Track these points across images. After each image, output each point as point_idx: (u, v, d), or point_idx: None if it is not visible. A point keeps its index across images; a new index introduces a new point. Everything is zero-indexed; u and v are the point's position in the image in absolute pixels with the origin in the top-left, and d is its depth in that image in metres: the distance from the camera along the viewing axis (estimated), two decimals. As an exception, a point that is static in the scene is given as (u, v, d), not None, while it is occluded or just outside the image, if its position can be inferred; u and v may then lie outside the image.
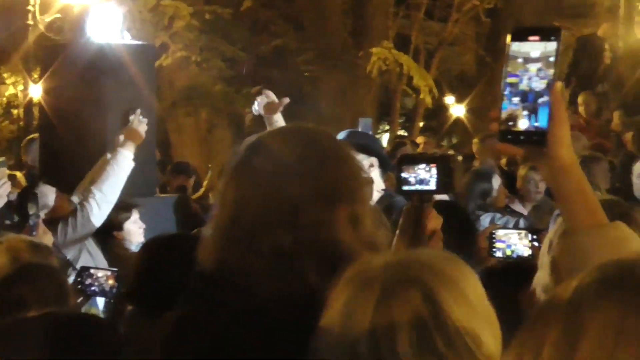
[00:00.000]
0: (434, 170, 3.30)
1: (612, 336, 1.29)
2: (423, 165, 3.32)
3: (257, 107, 6.40)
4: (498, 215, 8.44)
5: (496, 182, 9.18)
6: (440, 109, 25.40)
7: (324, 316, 1.97)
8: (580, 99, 13.42)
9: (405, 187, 3.36)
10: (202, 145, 18.33)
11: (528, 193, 9.19)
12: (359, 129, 10.69)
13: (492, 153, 11.36)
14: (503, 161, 12.04)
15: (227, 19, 19.83)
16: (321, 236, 2.42)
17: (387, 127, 24.80)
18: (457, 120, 24.43)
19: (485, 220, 8.22)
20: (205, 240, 2.61)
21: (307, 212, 2.43)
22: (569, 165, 2.17)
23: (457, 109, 24.94)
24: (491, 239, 4.85)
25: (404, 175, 3.34)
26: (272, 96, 6.25)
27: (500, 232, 4.99)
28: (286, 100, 6.32)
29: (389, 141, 20.50)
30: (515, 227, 7.61)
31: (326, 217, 2.44)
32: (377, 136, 21.05)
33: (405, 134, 23.61)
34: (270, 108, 6.23)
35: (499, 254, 5.13)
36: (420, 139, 17.13)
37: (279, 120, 6.12)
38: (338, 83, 20.64)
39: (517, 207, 9.10)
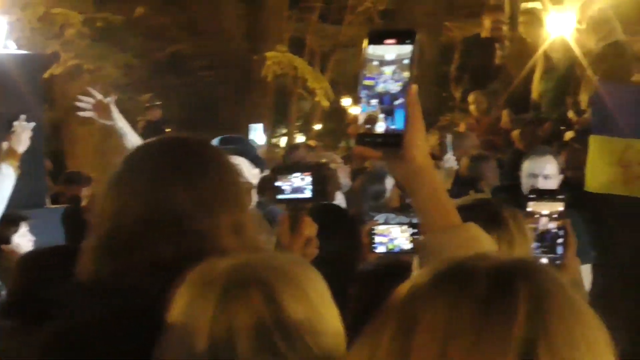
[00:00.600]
0: (308, 179, 3.40)
1: (442, 328, 1.32)
2: (298, 174, 3.41)
3: (86, 111, 6.21)
4: (392, 215, 8.52)
5: (389, 182, 8.79)
6: (337, 111, 25.76)
7: (167, 317, 1.97)
8: (470, 98, 13.75)
9: (280, 196, 3.44)
10: (96, 155, 18.33)
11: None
12: (250, 135, 10.74)
13: (359, 157, 11.61)
14: None
15: (120, 26, 19.64)
16: (205, 245, 2.39)
17: (284, 131, 25.01)
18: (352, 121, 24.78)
19: (380, 220, 8.33)
20: (84, 252, 2.54)
21: (189, 222, 2.41)
22: (423, 167, 2.16)
23: (354, 110, 25.18)
24: (371, 234, 4.79)
25: (278, 184, 3.44)
26: (98, 95, 6.07)
27: (380, 227, 4.97)
28: (112, 98, 6.13)
29: (285, 145, 20.67)
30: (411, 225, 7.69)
31: (209, 225, 2.42)
32: (275, 140, 21.23)
33: (303, 137, 23.79)
34: (100, 109, 6.04)
35: (380, 249, 5.18)
36: (312, 142, 17.28)
37: (124, 128, 5.95)
38: (234, 88, 20.72)
39: (414, 204, 9.00)
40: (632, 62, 11.67)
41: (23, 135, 6.43)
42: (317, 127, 26.23)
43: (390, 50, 2.14)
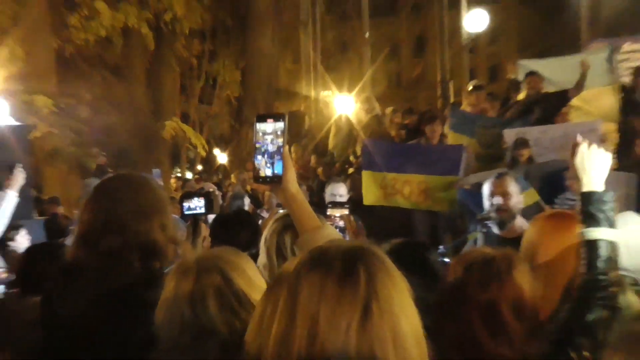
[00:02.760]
0: (203, 201, 3.57)
1: (316, 293, 1.29)
2: (196, 198, 3.58)
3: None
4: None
5: (246, 200, 8.80)
6: (210, 157, 25.12)
7: (163, 293, 1.93)
8: (292, 149, 13.16)
9: (186, 212, 3.57)
10: (61, 186, 17.21)
11: (271, 206, 8.31)
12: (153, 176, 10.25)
13: (243, 185, 11.43)
14: (248, 187, 11.78)
15: (75, 104, 18.00)
16: (142, 238, 2.36)
17: (178, 171, 24.19)
18: (221, 165, 24.44)
19: None
20: (69, 245, 2.52)
21: (131, 224, 2.37)
22: (295, 193, 2.18)
23: (221, 157, 24.81)
24: None
25: (184, 204, 3.59)
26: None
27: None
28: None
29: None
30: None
31: (144, 226, 2.39)
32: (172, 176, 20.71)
33: (190, 174, 23.29)
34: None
35: None
36: (196, 178, 17.04)
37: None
38: (144, 145, 20.17)
39: (264, 214, 8.40)
40: (384, 128, 11.40)
41: (20, 175, 6.38)
42: (199, 167, 25.16)
43: (270, 126, 2.18)
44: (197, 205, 3.47)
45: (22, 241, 6.65)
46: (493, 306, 1.97)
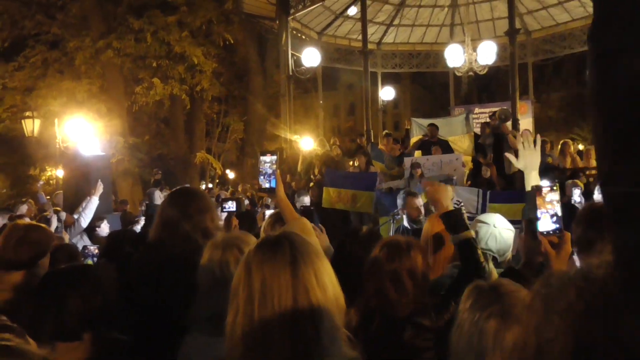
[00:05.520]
0: (234, 203, 3.32)
1: (260, 262, 1.21)
2: (230, 202, 3.35)
3: None
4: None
5: (246, 202, 8.92)
6: (224, 175, 24.69)
7: (201, 260, 1.77)
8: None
9: (224, 211, 3.32)
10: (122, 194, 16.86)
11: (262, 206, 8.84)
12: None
13: (244, 192, 11.25)
14: (248, 193, 11.83)
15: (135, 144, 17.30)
16: (201, 225, 2.24)
17: (203, 183, 23.62)
18: (230, 180, 24.04)
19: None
20: (151, 230, 2.34)
21: (195, 217, 2.24)
22: (283, 198, 2.12)
23: (230, 174, 24.30)
24: (264, 214, 4.25)
25: (223, 205, 3.37)
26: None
27: (267, 212, 4.38)
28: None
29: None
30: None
31: (202, 218, 2.26)
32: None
33: (211, 186, 22.90)
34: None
35: None
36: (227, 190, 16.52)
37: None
38: (182, 168, 19.75)
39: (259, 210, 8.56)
40: (332, 158, 11.65)
41: (100, 186, 6.16)
42: (217, 181, 24.36)
43: (268, 158, 2.19)
44: (230, 206, 3.30)
45: (104, 228, 6.44)
46: (397, 273, 1.91)
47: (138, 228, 6.89)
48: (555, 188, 1.77)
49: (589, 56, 0.65)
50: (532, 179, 2.38)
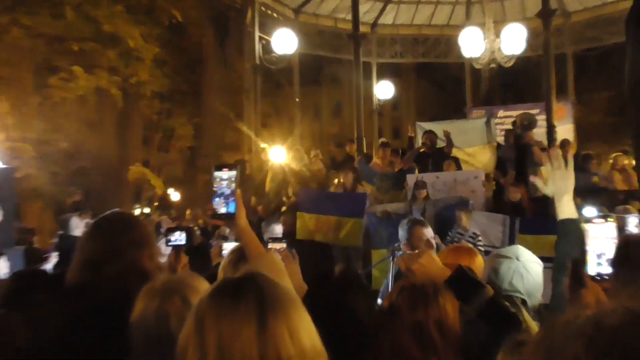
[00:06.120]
0: (184, 234, 3.46)
1: (216, 317, 1.23)
2: (178, 232, 3.48)
3: None
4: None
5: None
6: (166, 196, 24.79)
7: (133, 312, 1.82)
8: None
9: (169, 244, 3.43)
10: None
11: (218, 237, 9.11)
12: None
13: (195, 219, 11.21)
14: (200, 221, 11.88)
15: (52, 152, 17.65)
16: (136, 264, 2.30)
17: (137, 207, 23.59)
18: (174, 202, 24.07)
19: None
20: (70, 270, 2.34)
21: (127, 254, 2.30)
22: (245, 227, 2.18)
23: (174, 195, 24.50)
24: (221, 248, 4.16)
25: (168, 237, 3.46)
26: None
27: (225, 245, 4.39)
28: None
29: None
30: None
31: (137, 255, 2.31)
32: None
33: (149, 210, 22.84)
34: None
35: None
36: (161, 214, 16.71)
37: None
38: (111, 186, 19.70)
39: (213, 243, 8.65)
40: (317, 178, 11.38)
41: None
42: (156, 204, 24.59)
43: (225, 174, 2.21)
44: (177, 238, 3.36)
45: (3, 267, 6.38)
46: (422, 326, 1.93)
47: (49, 267, 6.78)
48: (610, 219, 1.80)
49: (628, 41, 0.67)
50: (565, 206, 2.42)
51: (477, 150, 11.05)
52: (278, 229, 6.61)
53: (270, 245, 3.33)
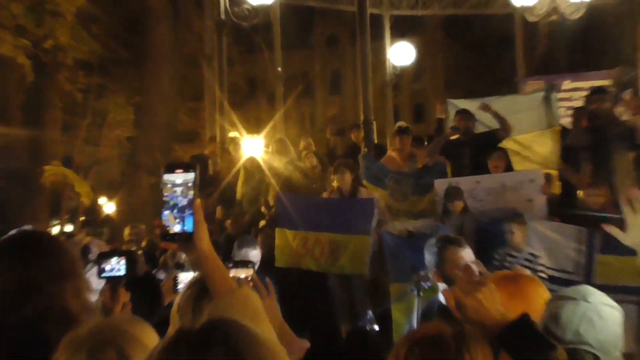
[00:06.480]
0: (123, 261, 3.46)
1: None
2: (115, 258, 3.46)
3: None
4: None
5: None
6: (96, 207, 24.77)
7: None
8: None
9: (103, 274, 3.44)
10: None
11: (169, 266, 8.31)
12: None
13: (137, 240, 11.17)
14: (143, 243, 11.80)
15: None
16: (56, 303, 2.35)
17: (56, 223, 23.59)
18: (107, 216, 24.11)
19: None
20: None
21: (43, 289, 2.35)
22: (208, 252, 2.21)
23: (108, 207, 24.56)
24: (175, 281, 4.41)
25: (102, 265, 3.45)
26: None
27: (182, 276, 4.56)
28: None
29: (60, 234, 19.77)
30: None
31: (57, 290, 2.36)
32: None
33: (72, 227, 22.82)
34: None
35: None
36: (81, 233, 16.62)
37: None
38: (19, 193, 19.68)
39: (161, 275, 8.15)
40: (309, 180, 11.31)
41: None
42: (82, 218, 24.44)
43: (179, 177, 2.23)
44: (114, 267, 3.37)
45: None
46: None
47: None
48: None
49: None
50: None
51: (532, 138, 10.97)
52: (254, 254, 6.51)
53: (232, 273, 3.45)
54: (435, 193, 9.29)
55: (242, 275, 3.50)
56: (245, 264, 3.58)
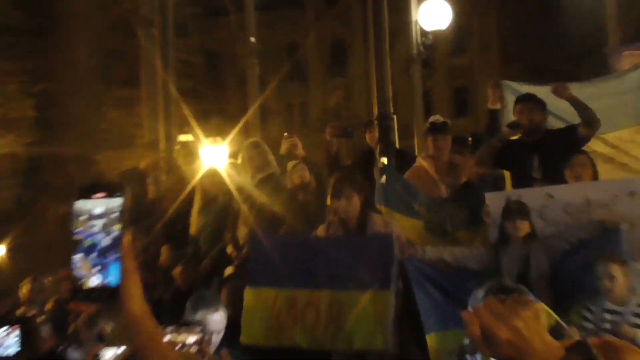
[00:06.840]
0: (16, 333, 3.67)
1: None
2: (5, 328, 3.68)
3: None
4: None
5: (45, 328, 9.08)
6: None
7: None
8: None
9: None
10: None
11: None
12: None
13: (40, 299, 11.25)
14: (49, 305, 11.92)
15: None
16: None
17: None
18: None
19: None
20: None
21: None
22: (140, 316, 2.30)
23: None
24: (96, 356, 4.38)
25: None
26: None
27: (105, 353, 4.49)
28: None
29: None
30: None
31: None
32: None
33: None
34: None
35: None
36: None
37: None
38: None
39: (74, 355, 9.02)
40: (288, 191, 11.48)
41: None
42: None
43: (99, 205, 2.32)
44: (3, 341, 3.58)
45: None
46: None
47: None
48: None
49: None
50: None
51: (629, 134, 11.30)
52: (217, 319, 6.48)
53: (172, 337, 3.55)
54: (486, 212, 9.28)
55: (191, 339, 3.58)
56: (190, 324, 3.76)
